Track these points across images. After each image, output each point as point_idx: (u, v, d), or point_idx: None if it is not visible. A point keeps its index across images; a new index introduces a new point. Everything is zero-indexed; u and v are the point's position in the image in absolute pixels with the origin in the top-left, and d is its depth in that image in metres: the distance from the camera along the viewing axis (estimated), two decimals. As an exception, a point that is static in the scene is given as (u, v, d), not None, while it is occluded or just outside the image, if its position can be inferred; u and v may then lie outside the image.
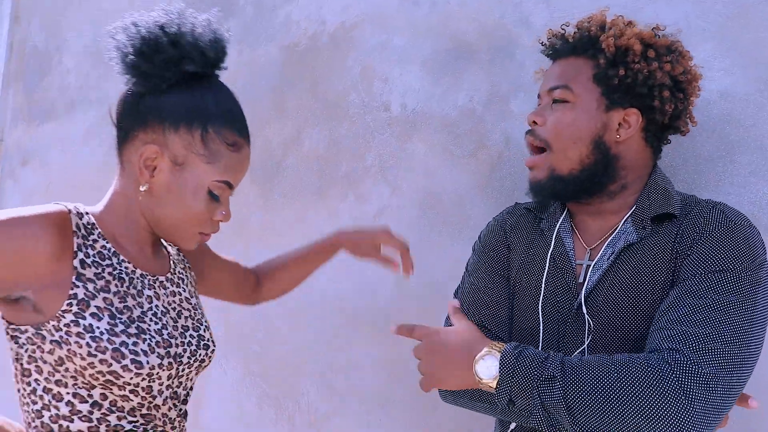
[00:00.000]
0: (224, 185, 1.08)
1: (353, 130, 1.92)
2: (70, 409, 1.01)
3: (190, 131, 1.05)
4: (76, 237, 1.02)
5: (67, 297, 0.98)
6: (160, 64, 1.03)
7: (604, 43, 1.16)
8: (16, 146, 2.97)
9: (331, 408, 1.89)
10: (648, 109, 1.17)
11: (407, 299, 1.78)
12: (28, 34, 3.00)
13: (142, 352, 1.01)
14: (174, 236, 1.11)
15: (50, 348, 0.99)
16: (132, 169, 1.08)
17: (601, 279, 1.16)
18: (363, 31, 1.93)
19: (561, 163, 1.18)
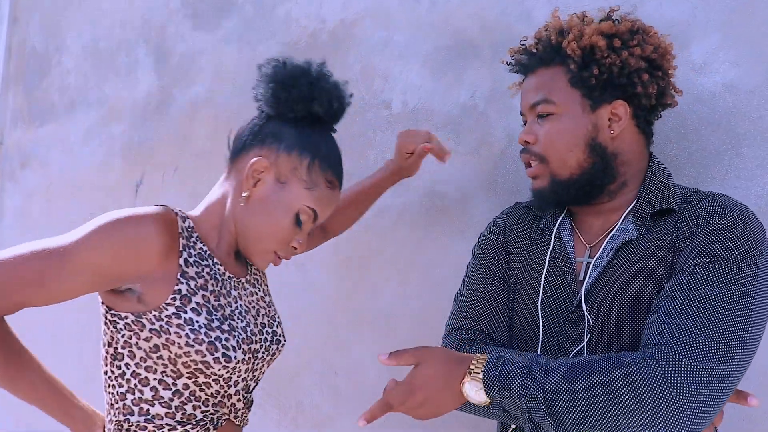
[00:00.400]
0: (311, 212, 1.19)
1: (354, 129, 1.90)
2: (153, 394, 1.12)
3: (300, 158, 1.18)
4: (182, 238, 1.13)
5: (172, 291, 1.09)
6: (294, 97, 1.18)
7: (568, 49, 1.15)
8: (16, 148, 2.95)
9: (334, 409, 1.88)
10: (632, 97, 1.16)
11: (409, 298, 1.76)
12: (27, 35, 2.99)
13: (232, 348, 1.12)
14: (252, 249, 1.20)
15: (147, 336, 1.09)
16: (239, 176, 1.19)
17: (600, 276, 1.15)
18: (363, 29, 1.91)
19: (560, 170, 1.17)
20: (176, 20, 2.42)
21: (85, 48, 2.75)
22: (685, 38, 1.39)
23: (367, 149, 1.87)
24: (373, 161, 1.85)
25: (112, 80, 2.63)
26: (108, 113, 2.61)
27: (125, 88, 2.56)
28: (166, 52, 2.43)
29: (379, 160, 1.85)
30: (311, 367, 1.91)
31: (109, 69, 2.64)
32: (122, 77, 2.59)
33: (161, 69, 2.44)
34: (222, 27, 2.27)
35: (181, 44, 2.39)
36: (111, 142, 2.58)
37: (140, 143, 2.47)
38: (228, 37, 2.24)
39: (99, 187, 2.59)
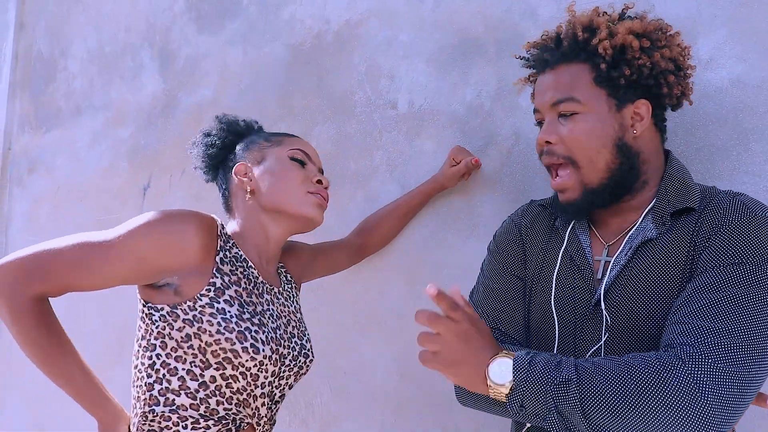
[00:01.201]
0: (299, 153, 1.34)
1: (361, 129, 1.90)
2: (180, 384, 1.18)
3: (257, 142, 1.37)
4: (220, 240, 1.24)
5: (207, 284, 1.18)
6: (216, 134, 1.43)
7: (600, 47, 1.11)
8: (23, 153, 2.97)
9: (344, 410, 1.88)
10: (655, 97, 1.14)
11: (417, 298, 1.76)
12: (33, 41, 3.00)
13: (261, 341, 1.19)
14: (294, 207, 1.31)
15: (181, 326, 1.17)
16: (237, 192, 1.35)
17: (619, 275, 1.13)
18: (368, 28, 1.91)
19: (591, 176, 1.14)
20: (180, 23, 2.42)
21: (90, 53, 2.76)
22: (691, 33, 1.39)
23: (374, 149, 1.87)
24: (380, 161, 1.85)
25: (117, 84, 2.63)
26: (114, 117, 2.62)
27: (131, 91, 2.57)
28: (170, 55, 2.44)
29: (385, 160, 1.85)
30: (320, 367, 1.92)
31: (115, 73, 2.65)
32: (127, 81, 2.59)
33: (166, 72, 2.44)
34: (226, 29, 2.27)
35: (185, 47, 2.39)
36: (117, 146, 2.59)
37: (146, 147, 2.48)
38: (232, 39, 2.24)
39: (106, 191, 2.60)
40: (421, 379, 1.73)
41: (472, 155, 1.64)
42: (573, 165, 1.15)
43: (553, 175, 1.18)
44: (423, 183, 1.71)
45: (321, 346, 1.92)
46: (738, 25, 1.35)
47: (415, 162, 1.79)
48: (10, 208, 2.98)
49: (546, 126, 1.17)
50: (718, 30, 1.36)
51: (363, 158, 1.88)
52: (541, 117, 1.20)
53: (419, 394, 1.73)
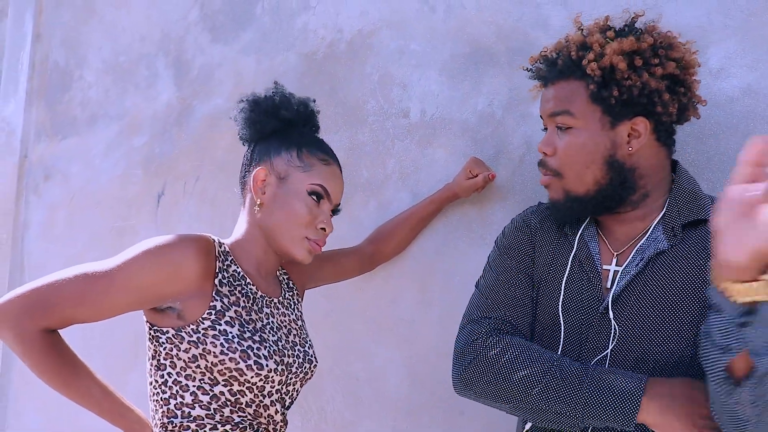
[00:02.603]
0: (320, 188, 1.30)
1: (373, 137, 1.92)
2: (192, 399, 1.21)
3: (288, 151, 1.32)
4: (218, 261, 1.25)
5: (208, 308, 1.20)
6: (262, 113, 1.34)
7: (587, 69, 1.13)
8: (39, 161, 3.00)
9: (356, 416, 1.89)
10: (653, 114, 1.14)
11: (430, 305, 1.77)
12: (49, 51, 3.04)
13: (263, 357, 1.21)
14: (286, 244, 1.29)
15: (186, 347, 1.19)
16: (251, 197, 1.33)
17: (629, 285, 1.14)
18: (380, 38, 1.93)
19: (576, 187, 1.18)
20: (195, 33, 2.45)
21: (105, 62, 2.80)
22: (702, 42, 1.40)
23: (386, 158, 1.89)
24: (392, 170, 1.87)
25: (132, 93, 2.66)
26: (129, 126, 2.65)
27: (145, 101, 2.60)
28: (185, 64, 2.47)
29: (397, 169, 1.86)
30: (333, 373, 1.93)
31: (129, 82, 2.68)
32: (142, 90, 2.62)
33: (181, 81, 2.47)
34: (240, 39, 2.30)
35: (200, 57, 2.42)
36: (132, 155, 2.62)
37: (161, 155, 2.51)
38: (246, 48, 2.27)
39: (120, 199, 2.63)
40: (433, 386, 1.74)
41: (489, 168, 1.65)
42: (557, 176, 1.19)
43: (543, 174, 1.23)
44: (436, 192, 1.72)
45: (333, 353, 1.94)
46: (748, 34, 1.36)
47: (426, 170, 1.81)
48: (27, 216, 3.01)
49: (546, 136, 1.22)
50: (729, 39, 1.37)
51: (375, 167, 1.90)
52: (545, 125, 1.24)
53: (431, 400, 1.74)
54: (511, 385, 1.13)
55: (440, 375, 1.73)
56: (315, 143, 1.35)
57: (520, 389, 1.12)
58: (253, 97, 1.37)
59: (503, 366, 1.15)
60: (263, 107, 1.34)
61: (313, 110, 1.40)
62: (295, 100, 1.37)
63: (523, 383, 1.12)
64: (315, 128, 1.42)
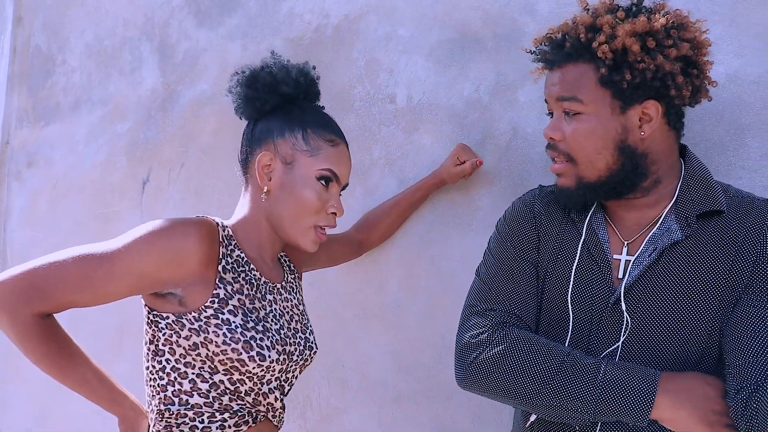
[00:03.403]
0: (329, 173, 1.25)
1: (359, 123, 1.91)
2: (191, 386, 1.18)
3: (293, 134, 1.26)
4: (221, 246, 1.21)
5: (210, 295, 1.16)
6: (261, 89, 1.27)
7: (599, 51, 1.09)
8: (21, 147, 2.97)
9: (342, 402, 1.89)
10: (665, 97, 1.11)
11: (417, 291, 1.77)
12: (31, 35, 3.00)
13: (266, 347, 1.18)
14: (294, 233, 1.26)
15: (187, 334, 1.16)
16: (254, 182, 1.28)
17: (643, 276, 1.12)
18: (367, 23, 1.92)
19: (588, 173, 1.14)
20: (180, 17, 2.42)
21: (88, 47, 2.76)
22: (688, 29, 1.40)
23: (372, 143, 1.88)
24: (378, 155, 1.86)
25: (116, 79, 2.63)
26: (112, 112, 2.62)
27: (129, 86, 2.57)
28: (170, 49, 2.44)
29: (384, 154, 1.85)
30: (319, 360, 1.93)
31: (113, 67, 2.65)
32: (126, 75, 2.59)
33: (165, 67, 2.45)
34: (225, 24, 2.27)
35: (184, 41, 2.39)
36: (116, 141, 2.59)
37: (145, 141, 2.48)
38: (232, 33, 2.25)
39: (104, 186, 2.60)
40: (420, 372, 1.74)
41: (476, 155, 1.64)
42: (571, 161, 1.15)
43: (553, 161, 1.19)
44: (423, 178, 1.71)
45: (321, 340, 1.93)
46: (735, 20, 1.36)
47: (413, 156, 1.80)
48: (9, 203, 2.98)
49: (553, 121, 1.17)
50: (716, 26, 1.37)
51: (362, 152, 1.89)
52: (550, 108, 1.19)
53: (417, 387, 1.75)
54: (521, 382, 1.10)
55: (427, 361, 1.73)
56: (319, 121, 1.29)
57: (531, 385, 1.09)
58: (250, 71, 1.30)
59: (511, 362, 1.11)
60: (262, 83, 1.27)
61: (313, 78, 1.34)
62: (294, 71, 1.30)
63: (533, 380, 1.09)
64: (316, 97, 1.36)
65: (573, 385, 1.07)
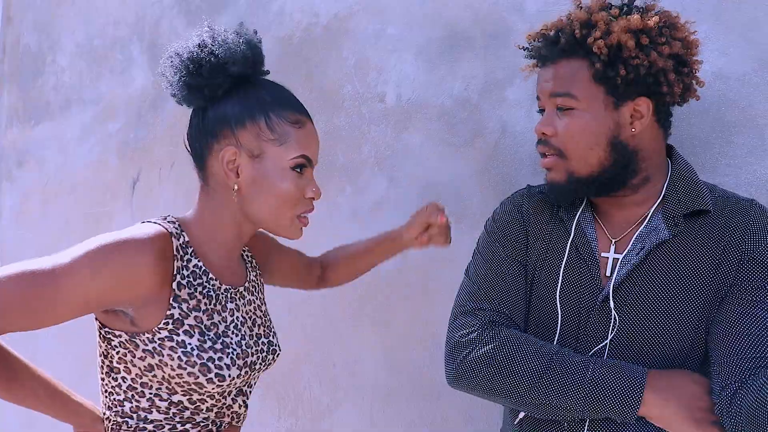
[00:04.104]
0: (303, 159, 1.15)
1: (349, 122, 1.91)
2: (149, 404, 1.10)
3: (255, 122, 1.13)
4: (176, 260, 1.10)
5: (164, 317, 1.07)
6: (208, 74, 1.12)
7: (594, 47, 1.10)
8: (11, 147, 2.96)
9: (333, 400, 1.89)
10: (656, 94, 1.12)
11: (407, 291, 1.78)
12: (20, 34, 2.99)
13: (225, 366, 1.10)
14: (277, 225, 1.17)
15: (142, 355, 1.08)
16: (217, 180, 1.16)
17: (631, 274, 1.13)
18: (357, 22, 1.92)
19: (580, 168, 1.15)
20: (170, 16, 2.42)
21: (79, 46, 2.76)
22: (674, 27, 1.40)
23: (362, 142, 1.88)
24: (367, 154, 1.87)
25: (106, 78, 2.63)
26: (103, 111, 2.62)
27: (120, 85, 2.57)
28: (160, 48, 2.43)
29: (373, 153, 1.86)
30: (310, 359, 1.93)
31: (104, 67, 2.65)
32: (117, 75, 2.59)
33: (155, 66, 2.44)
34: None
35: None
36: (107, 140, 2.58)
37: (136, 141, 2.48)
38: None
39: (95, 186, 2.60)
40: (410, 371, 1.75)
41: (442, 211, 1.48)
42: (562, 156, 1.16)
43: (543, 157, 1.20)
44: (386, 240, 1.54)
45: (311, 339, 1.94)
46: (720, 18, 1.37)
47: (402, 155, 1.80)
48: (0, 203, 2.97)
49: (545, 117, 1.18)
50: (702, 24, 1.38)
51: (351, 151, 1.89)
52: (542, 105, 1.20)
53: (408, 385, 1.75)
54: (510, 381, 1.11)
55: (417, 360, 1.74)
56: (279, 100, 1.16)
57: (520, 384, 1.11)
58: (189, 55, 1.13)
59: (501, 361, 1.13)
60: (207, 68, 1.12)
61: (258, 48, 1.18)
62: (239, 45, 1.14)
63: (522, 378, 1.11)
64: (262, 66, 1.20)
65: (562, 383, 1.08)
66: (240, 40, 1.15)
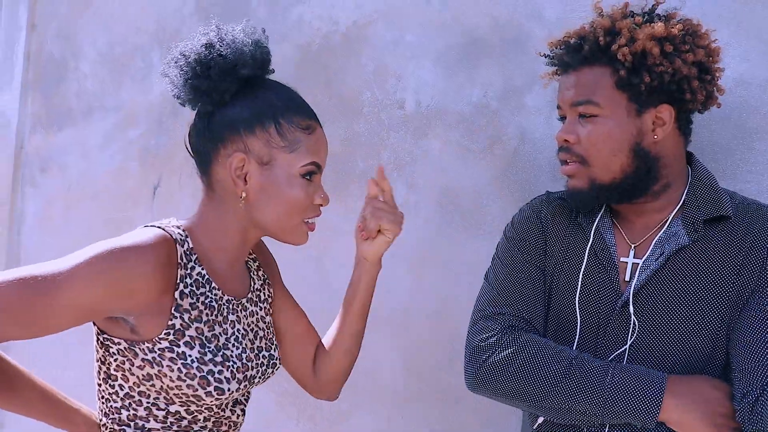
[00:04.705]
0: (313, 167, 1.12)
1: (368, 128, 1.92)
2: (147, 413, 1.08)
3: (265, 129, 1.10)
4: (179, 268, 1.07)
5: (165, 327, 1.05)
6: (216, 77, 1.08)
7: (619, 54, 1.10)
8: (35, 153, 3.00)
9: (351, 405, 1.90)
10: (679, 101, 1.13)
11: (425, 295, 1.78)
12: (44, 42, 3.04)
13: (225, 380, 1.08)
14: (284, 233, 1.14)
15: (140, 364, 1.05)
16: (224, 186, 1.12)
17: (650, 279, 1.13)
18: (375, 29, 1.93)
19: (602, 175, 1.15)
20: (190, 24, 2.45)
21: (101, 54, 2.79)
22: (695, 34, 1.40)
23: (381, 149, 1.89)
24: (387, 161, 1.87)
25: (127, 85, 2.66)
26: (125, 118, 2.65)
27: (141, 92, 2.60)
28: (180, 56, 2.46)
29: (393, 160, 1.87)
30: (329, 364, 1.93)
31: (125, 74, 2.68)
32: (138, 82, 2.62)
33: (176, 73, 2.47)
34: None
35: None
36: (128, 147, 2.61)
37: (157, 147, 2.51)
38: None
39: (117, 191, 2.63)
40: (427, 375, 1.75)
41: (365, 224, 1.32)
42: (584, 163, 1.16)
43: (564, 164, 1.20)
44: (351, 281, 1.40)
45: (329, 344, 1.94)
46: (742, 24, 1.36)
47: (421, 161, 1.81)
48: (23, 208, 3.01)
49: (566, 125, 1.18)
50: (722, 30, 1.37)
51: (371, 157, 1.90)
52: (563, 113, 1.20)
53: (425, 390, 1.75)
54: (530, 385, 1.12)
55: (435, 364, 1.74)
56: (289, 105, 1.13)
57: (539, 388, 1.11)
58: (196, 57, 1.09)
59: (521, 365, 1.13)
60: (216, 70, 1.08)
61: (266, 48, 1.15)
62: (247, 46, 1.11)
63: (541, 383, 1.11)
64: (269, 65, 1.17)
65: (581, 388, 1.08)
66: (248, 40, 1.12)
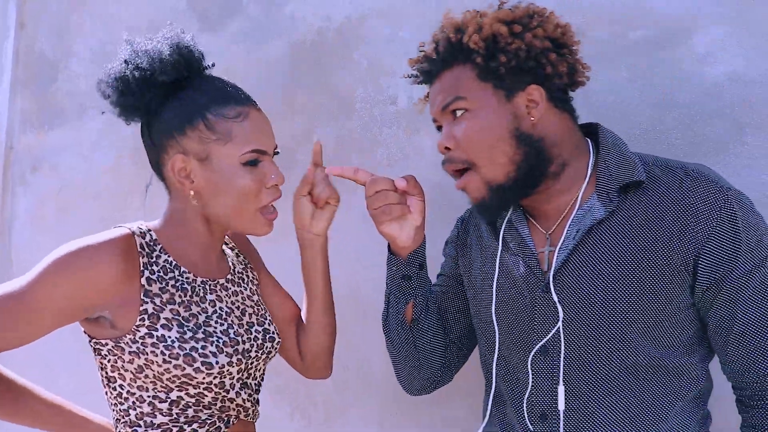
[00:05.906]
0: (253, 154, 1.13)
1: (362, 125, 1.92)
2: (152, 408, 1.11)
3: (195, 127, 1.13)
4: (141, 256, 1.10)
5: (138, 313, 1.08)
6: (138, 90, 1.12)
7: (470, 43, 1.10)
8: (26, 152, 2.98)
9: (345, 402, 1.89)
10: (544, 78, 1.12)
11: (420, 292, 1.78)
12: (34, 40, 3.02)
13: (211, 354, 1.10)
14: (243, 225, 1.17)
15: (130, 358, 1.08)
16: (177, 188, 1.17)
17: (569, 259, 1.10)
18: (370, 26, 1.93)
19: (495, 173, 1.12)
20: (183, 22, 2.44)
21: (93, 52, 2.78)
22: (690, 29, 1.40)
23: (375, 145, 1.89)
24: (381, 157, 1.87)
25: (120, 83, 2.65)
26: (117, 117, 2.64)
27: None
28: (173, 53, 2.45)
29: (386, 156, 1.86)
30: (322, 362, 1.93)
31: (117, 72, 2.67)
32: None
33: (169, 71, 2.46)
34: (229, 28, 2.29)
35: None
36: (121, 146, 2.60)
37: (149, 145, 2.50)
38: (235, 37, 2.26)
39: (109, 190, 2.61)
40: (423, 373, 1.74)
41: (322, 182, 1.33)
42: (472, 168, 1.13)
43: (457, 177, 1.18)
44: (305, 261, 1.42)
45: (323, 341, 1.94)
46: (736, 20, 1.37)
47: (414, 158, 1.81)
48: (14, 208, 2.99)
49: (443, 132, 1.16)
50: (717, 26, 1.38)
51: (364, 154, 1.90)
52: (439, 124, 1.20)
53: (421, 388, 1.75)
54: None
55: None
56: (215, 97, 1.14)
57: None
58: (115, 77, 1.13)
59: None
60: (135, 83, 1.11)
61: (189, 48, 1.16)
62: (165, 52, 1.13)
63: None
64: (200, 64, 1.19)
65: None
66: (164, 46, 1.14)
